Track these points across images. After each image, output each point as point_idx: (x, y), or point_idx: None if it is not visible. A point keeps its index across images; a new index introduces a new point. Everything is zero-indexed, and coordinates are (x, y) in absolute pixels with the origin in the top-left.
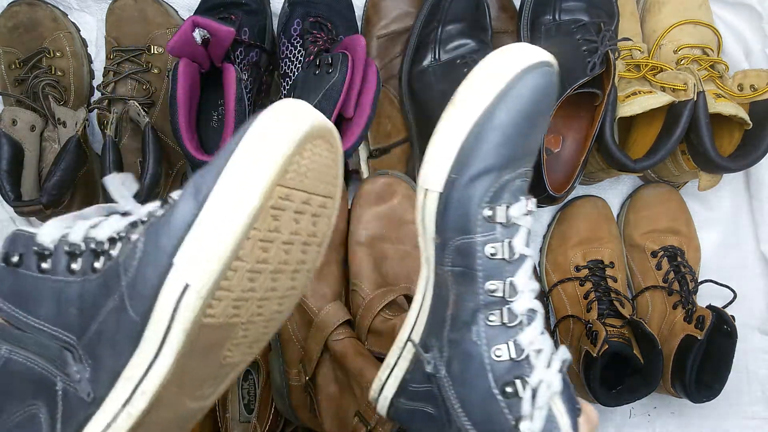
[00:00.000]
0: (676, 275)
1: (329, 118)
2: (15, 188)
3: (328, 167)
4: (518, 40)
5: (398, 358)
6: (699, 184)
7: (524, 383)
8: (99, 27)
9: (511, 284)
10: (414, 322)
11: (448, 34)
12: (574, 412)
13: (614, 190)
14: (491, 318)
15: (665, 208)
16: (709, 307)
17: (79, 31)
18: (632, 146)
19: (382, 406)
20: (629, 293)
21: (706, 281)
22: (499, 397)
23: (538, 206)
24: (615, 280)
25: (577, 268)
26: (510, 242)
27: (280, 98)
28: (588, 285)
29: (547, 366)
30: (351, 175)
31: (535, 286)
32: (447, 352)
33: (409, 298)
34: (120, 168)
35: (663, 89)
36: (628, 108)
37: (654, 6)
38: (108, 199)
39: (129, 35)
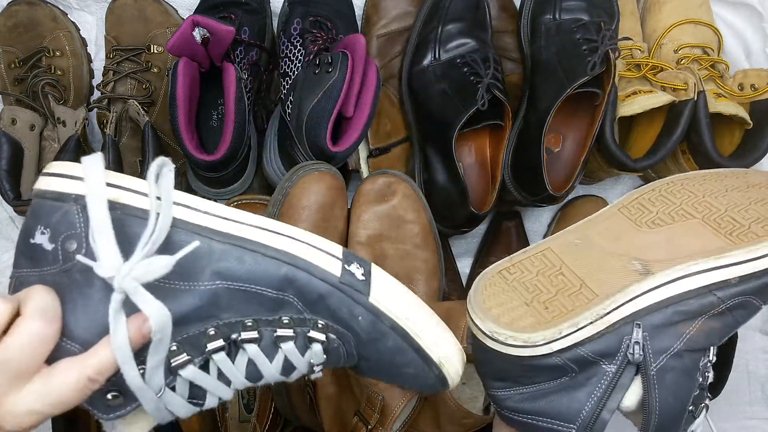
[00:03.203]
0: None
1: (329, 117)
2: (14, 187)
3: None
4: (519, 39)
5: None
6: None
7: None
8: (99, 26)
9: None
10: None
11: (448, 33)
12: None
13: (614, 190)
14: None
15: None
16: None
17: (78, 30)
18: (632, 146)
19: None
20: None
21: None
22: None
23: (539, 205)
24: None
25: None
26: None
27: (280, 98)
28: None
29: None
30: (351, 174)
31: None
32: None
33: None
34: (120, 167)
35: (663, 89)
36: (629, 107)
37: (654, 5)
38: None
39: (129, 34)
